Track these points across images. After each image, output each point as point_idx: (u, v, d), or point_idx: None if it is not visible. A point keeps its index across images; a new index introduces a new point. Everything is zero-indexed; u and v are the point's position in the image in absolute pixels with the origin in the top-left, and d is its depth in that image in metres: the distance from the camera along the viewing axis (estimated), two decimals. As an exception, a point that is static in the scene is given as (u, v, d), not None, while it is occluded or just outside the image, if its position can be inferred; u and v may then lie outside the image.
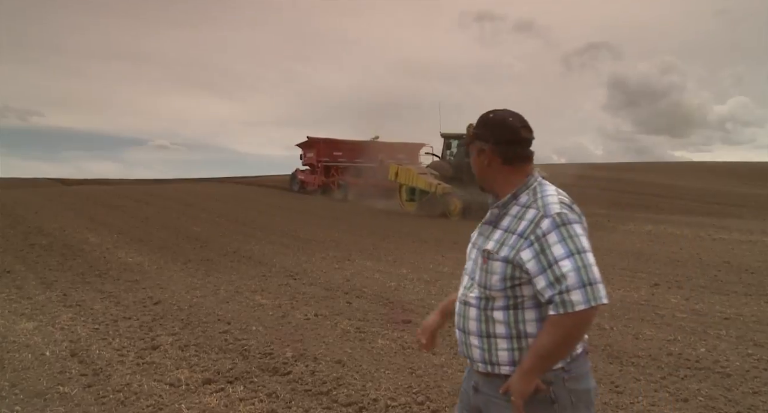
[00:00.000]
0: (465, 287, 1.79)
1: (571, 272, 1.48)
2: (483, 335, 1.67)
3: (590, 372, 1.69)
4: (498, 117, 1.69)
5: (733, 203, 22.05)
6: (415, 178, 16.38)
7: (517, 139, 1.66)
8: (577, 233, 1.53)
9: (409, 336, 4.93)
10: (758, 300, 6.47)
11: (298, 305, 6.01)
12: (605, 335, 5.01)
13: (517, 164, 1.67)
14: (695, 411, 3.44)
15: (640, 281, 7.54)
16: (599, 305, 1.49)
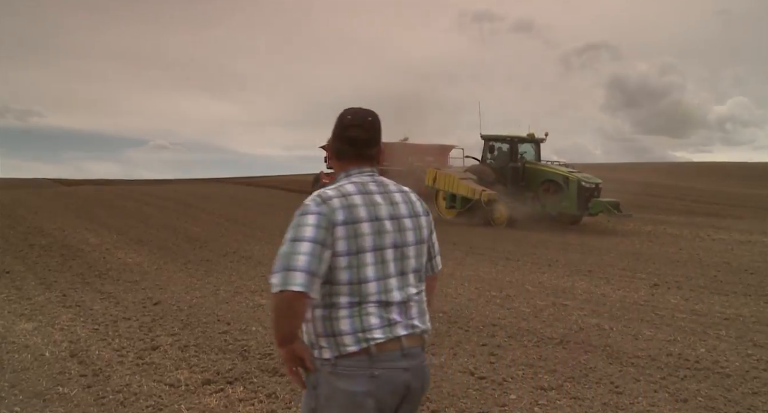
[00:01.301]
0: None
1: (279, 256, 1.57)
2: None
3: (366, 378, 1.58)
4: (341, 114, 1.77)
5: (732, 203, 22.07)
6: (456, 183, 15.10)
7: (342, 136, 1.74)
8: (305, 223, 1.58)
9: (409, 336, 4.93)
10: (758, 301, 6.47)
11: (297, 306, 6.00)
12: (605, 335, 5.02)
13: (343, 160, 1.77)
14: (695, 412, 3.44)
15: (639, 282, 7.54)
16: (292, 291, 1.50)
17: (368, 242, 1.60)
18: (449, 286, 7.10)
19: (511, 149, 15.31)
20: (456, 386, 3.79)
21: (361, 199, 1.64)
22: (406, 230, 1.69)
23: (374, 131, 1.75)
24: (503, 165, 15.28)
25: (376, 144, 1.76)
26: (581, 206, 13.72)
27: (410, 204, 1.75)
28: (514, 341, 4.85)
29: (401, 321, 1.64)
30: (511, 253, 10.03)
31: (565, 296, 6.64)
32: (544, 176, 14.62)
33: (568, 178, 13.98)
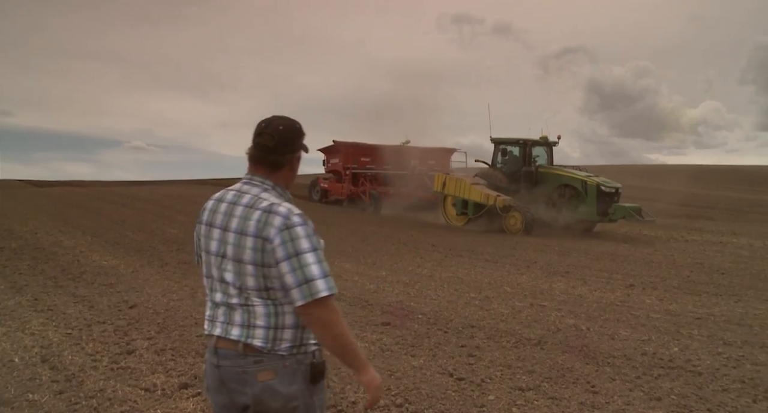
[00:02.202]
0: None
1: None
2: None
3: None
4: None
5: (704, 205, 22.56)
6: (467, 189, 14.29)
7: (252, 141, 1.84)
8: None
9: (388, 338, 4.93)
10: (728, 300, 6.62)
11: (276, 308, 5.96)
12: (582, 335, 5.08)
13: (248, 163, 1.87)
14: (668, 410, 3.50)
15: (615, 283, 7.66)
16: None
17: (202, 243, 1.85)
18: (428, 288, 7.12)
19: (523, 153, 14.72)
20: (435, 387, 3.80)
21: (212, 204, 1.85)
22: (228, 244, 1.76)
23: (278, 140, 1.79)
24: (515, 169, 14.62)
25: (279, 153, 1.80)
26: (601, 212, 13.17)
27: (245, 221, 1.73)
28: (492, 342, 4.88)
29: (221, 322, 1.79)
30: (491, 255, 10.11)
31: (543, 297, 6.71)
32: (559, 180, 14.05)
33: (586, 182, 13.42)
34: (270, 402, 1.74)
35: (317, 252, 1.70)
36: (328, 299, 1.68)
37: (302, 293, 1.66)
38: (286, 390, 1.73)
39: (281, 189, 1.85)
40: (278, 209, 1.71)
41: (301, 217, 1.71)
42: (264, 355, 1.74)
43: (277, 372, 1.74)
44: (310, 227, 1.73)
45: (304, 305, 1.67)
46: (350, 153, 19.09)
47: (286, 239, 1.67)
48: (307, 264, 1.67)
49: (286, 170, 1.85)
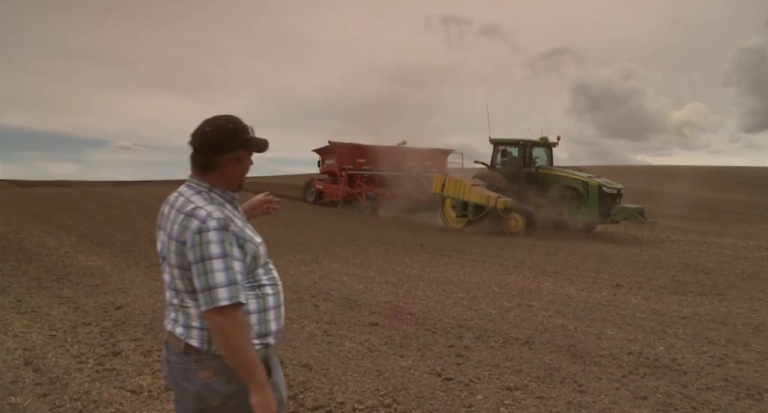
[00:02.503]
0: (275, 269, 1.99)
1: None
2: None
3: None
4: None
5: (689, 206, 22.81)
6: (467, 191, 14.07)
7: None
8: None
9: (377, 338, 4.93)
10: (712, 300, 6.70)
11: (264, 309, 5.94)
12: (569, 335, 5.12)
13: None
14: (653, 408, 3.53)
15: (602, 283, 7.72)
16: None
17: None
18: (417, 288, 7.13)
19: (523, 154, 14.59)
20: (423, 387, 3.81)
21: (163, 206, 1.87)
22: (168, 249, 1.77)
23: (203, 141, 1.80)
24: (515, 170, 14.48)
25: (206, 154, 1.80)
26: (603, 213, 13.04)
27: (173, 225, 1.75)
28: (480, 342, 4.90)
29: (171, 319, 1.86)
30: (479, 255, 10.14)
31: (530, 297, 6.75)
32: (560, 181, 13.90)
33: (588, 183, 13.31)
34: (210, 400, 1.76)
35: (227, 259, 1.66)
36: (229, 308, 1.64)
37: (205, 299, 1.65)
38: (225, 389, 1.74)
39: (220, 191, 1.84)
40: (198, 213, 1.70)
41: (218, 222, 1.68)
42: (203, 354, 1.76)
43: (216, 371, 1.75)
44: (229, 233, 1.70)
45: (206, 312, 1.66)
46: (346, 154, 18.73)
47: (196, 243, 1.66)
48: (212, 271, 1.64)
49: (220, 172, 1.83)
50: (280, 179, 43.79)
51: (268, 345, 1.84)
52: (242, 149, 1.84)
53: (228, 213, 1.78)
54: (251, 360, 1.69)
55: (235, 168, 1.85)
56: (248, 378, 1.68)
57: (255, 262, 1.82)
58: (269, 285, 1.87)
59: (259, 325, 1.81)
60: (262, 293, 1.84)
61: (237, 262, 1.70)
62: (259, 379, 1.69)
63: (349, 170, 18.55)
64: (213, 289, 1.64)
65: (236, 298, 1.65)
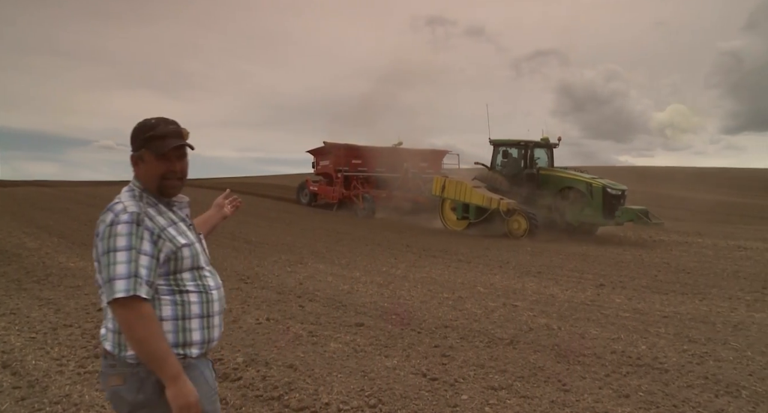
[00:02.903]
0: (217, 275, 1.97)
1: None
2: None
3: None
4: None
5: (671, 206, 23.13)
6: (468, 192, 13.69)
7: None
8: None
9: (362, 339, 4.93)
10: (693, 299, 6.80)
11: (249, 310, 5.91)
12: (553, 335, 5.16)
13: None
14: (635, 406, 3.57)
15: (586, 282, 7.79)
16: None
17: None
18: (402, 288, 7.14)
19: (525, 155, 14.32)
20: (408, 388, 3.81)
21: None
22: (93, 246, 1.74)
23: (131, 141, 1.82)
24: (516, 172, 14.22)
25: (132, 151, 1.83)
26: (607, 215, 12.76)
27: (99, 221, 1.74)
28: (465, 342, 4.91)
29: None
30: (464, 255, 10.18)
31: (515, 297, 6.79)
32: (562, 182, 13.62)
33: (591, 184, 13.05)
34: (118, 407, 1.73)
35: (131, 252, 1.63)
36: (129, 300, 1.60)
37: (106, 291, 1.62)
38: (133, 398, 1.70)
39: (143, 186, 1.83)
40: (114, 207, 1.71)
41: (131, 216, 1.67)
42: (116, 359, 1.72)
43: (126, 378, 1.71)
44: (140, 228, 1.67)
45: (109, 305, 1.62)
46: (341, 155, 18.23)
47: (105, 236, 1.65)
48: (114, 262, 1.61)
49: (137, 169, 1.84)
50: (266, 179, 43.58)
51: (187, 355, 1.76)
52: (144, 148, 1.81)
53: (150, 210, 1.75)
54: (160, 352, 1.63)
55: (141, 168, 1.82)
56: (160, 371, 1.64)
57: (175, 264, 1.76)
58: (196, 292, 1.81)
59: (175, 333, 1.74)
60: (183, 300, 1.77)
61: (144, 257, 1.66)
62: (172, 371, 1.64)
63: (344, 171, 18.05)
64: (112, 281, 1.60)
65: (133, 291, 1.60)
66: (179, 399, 1.64)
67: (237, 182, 35.05)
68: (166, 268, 1.75)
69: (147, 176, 1.82)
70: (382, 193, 17.43)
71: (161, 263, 1.72)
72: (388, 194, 17.22)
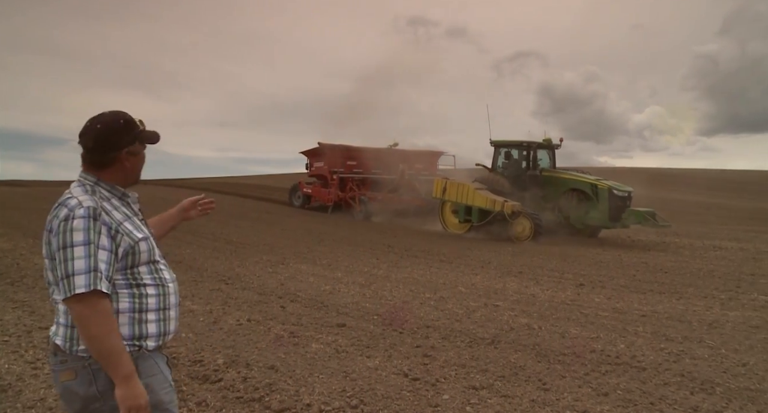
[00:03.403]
0: (171, 270, 1.97)
1: None
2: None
3: None
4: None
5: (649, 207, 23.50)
6: (471, 195, 13.16)
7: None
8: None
9: (343, 339, 4.91)
10: (670, 298, 6.91)
11: (230, 311, 5.86)
12: (534, 334, 5.20)
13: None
14: (614, 404, 3.62)
15: (566, 282, 7.87)
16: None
17: None
18: (384, 288, 7.14)
19: (527, 156, 14.05)
20: (390, 388, 3.81)
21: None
22: (42, 241, 1.74)
23: (96, 140, 1.78)
24: (518, 173, 13.91)
25: (100, 152, 1.80)
26: (613, 217, 12.50)
27: (49, 217, 1.72)
28: (447, 342, 4.93)
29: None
30: (445, 255, 10.22)
31: (496, 297, 6.83)
32: (566, 184, 13.36)
33: (597, 186, 12.79)
34: (70, 403, 1.73)
35: (89, 246, 1.62)
36: (88, 296, 1.59)
37: (63, 287, 1.60)
38: (85, 392, 1.70)
39: (107, 185, 1.82)
40: (68, 202, 1.69)
41: (87, 210, 1.66)
42: (68, 356, 1.72)
43: (77, 373, 1.70)
44: (97, 223, 1.66)
45: (65, 301, 1.61)
46: (336, 156, 17.73)
47: (60, 231, 1.63)
48: (72, 258, 1.60)
49: (116, 168, 1.82)
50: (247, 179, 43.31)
51: (142, 347, 1.77)
52: (136, 142, 1.85)
53: (105, 205, 1.74)
54: (114, 350, 1.63)
55: (133, 162, 1.86)
56: (111, 370, 1.64)
57: (133, 258, 1.77)
58: (153, 285, 1.82)
59: (131, 326, 1.75)
60: (141, 292, 1.78)
61: (103, 252, 1.66)
62: (124, 371, 1.64)
63: (340, 173, 17.58)
64: (70, 276, 1.59)
65: (94, 286, 1.60)
66: (129, 400, 1.63)
67: (218, 182, 34.80)
68: (123, 262, 1.75)
69: (135, 170, 1.87)
70: (378, 195, 17.01)
71: (119, 258, 1.73)
72: (384, 196, 16.81)
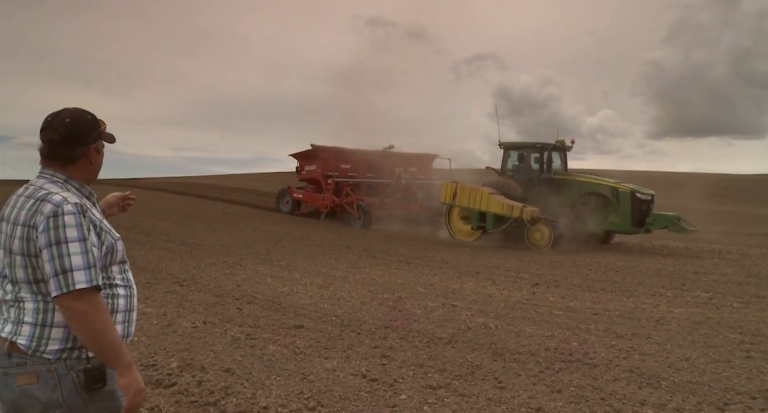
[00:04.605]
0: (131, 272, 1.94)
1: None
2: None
3: None
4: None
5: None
6: (486, 200, 12.41)
7: (40, 135, 1.80)
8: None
9: (301, 341, 4.88)
10: (621, 296, 7.15)
11: (185, 313, 5.72)
12: (491, 333, 5.28)
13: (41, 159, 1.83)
14: (567, 401, 3.72)
15: (522, 282, 8.04)
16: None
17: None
18: (342, 289, 7.12)
19: (541, 159, 13.21)
20: (348, 389, 3.80)
21: (11, 198, 1.76)
22: (10, 237, 1.69)
23: (66, 133, 1.74)
24: (531, 177, 13.19)
25: (70, 146, 1.76)
26: (637, 222, 11.81)
27: (19, 212, 1.69)
28: (405, 342, 4.95)
29: (3, 319, 1.72)
30: (404, 256, 10.27)
31: (454, 297, 6.91)
32: (584, 188, 12.56)
33: (617, 189, 12.07)
34: (27, 409, 1.65)
35: (85, 242, 1.62)
36: (88, 292, 1.59)
37: (58, 283, 1.57)
38: (47, 397, 1.64)
39: (77, 183, 1.79)
40: (52, 198, 1.66)
41: (75, 206, 1.64)
42: (28, 357, 1.65)
43: (39, 376, 1.64)
44: (86, 218, 1.66)
45: (60, 297, 1.58)
46: (331, 159, 16.74)
47: (50, 226, 1.60)
48: (69, 254, 1.59)
49: (82, 164, 1.80)
50: (204, 179, 42.45)
51: None
52: (100, 139, 1.84)
53: (86, 202, 1.73)
54: (114, 343, 1.63)
55: (97, 158, 1.84)
56: (115, 361, 1.64)
57: (111, 257, 1.77)
58: (122, 286, 1.81)
59: None
60: (113, 293, 1.77)
61: (95, 248, 1.66)
62: (126, 360, 1.65)
63: (336, 177, 16.56)
64: (69, 272, 1.57)
65: (94, 280, 1.60)
66: (134, 384, 1.66)
67: (173, 182, 33.98)
68: (103, 261, 1.73)
69: (97, 168, 1.86)
70: (375, 200, 16.05)
71: (102, 255, 1.72)
72: (381, 201, 15.97)
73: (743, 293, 7.27)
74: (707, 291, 7.41)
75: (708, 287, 7.73)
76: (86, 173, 1.82)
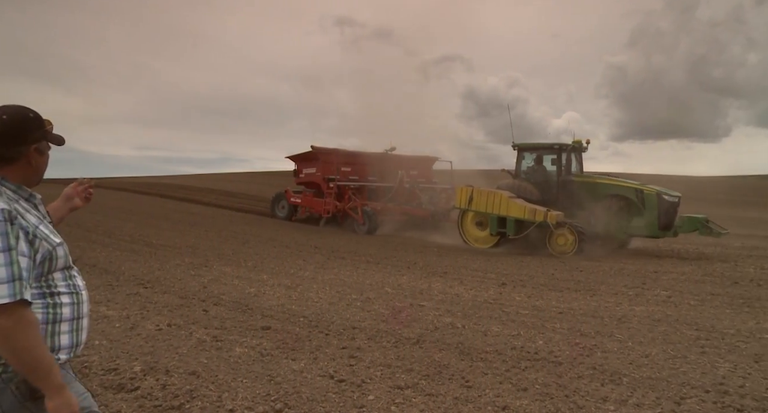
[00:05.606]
0: (81, 277, 1.88)
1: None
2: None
3: None
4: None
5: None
6: (506, 204, 11.79)
7: None
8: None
9: (268, 342, 4.83)
10: (585, 295, 7.31)
11: (149, 316, 5.60)
12: (458, 333, 5.33)
13: None
14: (532, 398, 3.78)
15: (489, 282, 8.14)
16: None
17: None
18: (310, 290, 7.08)
19: (559, 160, 12.56)
20: (315, 390, 3.78)
21: None
22: None
23: (3, 131, 1.66)
24: (548, 179, 12.63)
25: (7, 145, 1.67)
26: (664, 225, 11.30)
27: None
28: (373, 342, 4.96)
29: None
30: (372, 256, 10.28)
31: (422, 297, 6.95)
32: (606, 190, 11.93)
33: (642, 191, 11.53)
34: None
35: (11, 253, 1.51)
36: (11, 307, 1.48)
37: None
38: None
39: (14, 186, 1.70)
40: None
41: (2, 213, 1.54)
42: None
43: None
44: (15, 226, 1.56)
45: None
46: (332, 161, 15.80)
47: None
48: None
49: (21, 164, 1.71)
50: (169, 179, 41.63)
51: (57, 360, 1.66)
52: (44, 139, 1.75)
53: (18, 207, 1.63)
54: (44, 361, 1.54)
55: (39, 160, 1.74)
56: (42, 382, 1.54)
57: (50, 264, 1.67)
58: (67, 294, 1.72)
59: (44, 338, 1.63)
60: (55, 302, 1.68)
61: (23, 258, 1.55)
62: (56, 381, 1.56)
63: (336, 180, 15.45)
64: None
65: (20, 295, 1.49)
66: (64, 408, 1.55)
67: (137, 182, 33.24)
68: (39, 270, 1.63)
69: (39, 170, 1.76)
70: (379, 205, 15.20)
71: (36, 265, 1.61)
72: (384, 206, 15.20)
73: (699, 291, 7.53)
74: (666, 289, 7.65)
75: (667, 285, 7.97)
76: (25, 174, 1.72)
